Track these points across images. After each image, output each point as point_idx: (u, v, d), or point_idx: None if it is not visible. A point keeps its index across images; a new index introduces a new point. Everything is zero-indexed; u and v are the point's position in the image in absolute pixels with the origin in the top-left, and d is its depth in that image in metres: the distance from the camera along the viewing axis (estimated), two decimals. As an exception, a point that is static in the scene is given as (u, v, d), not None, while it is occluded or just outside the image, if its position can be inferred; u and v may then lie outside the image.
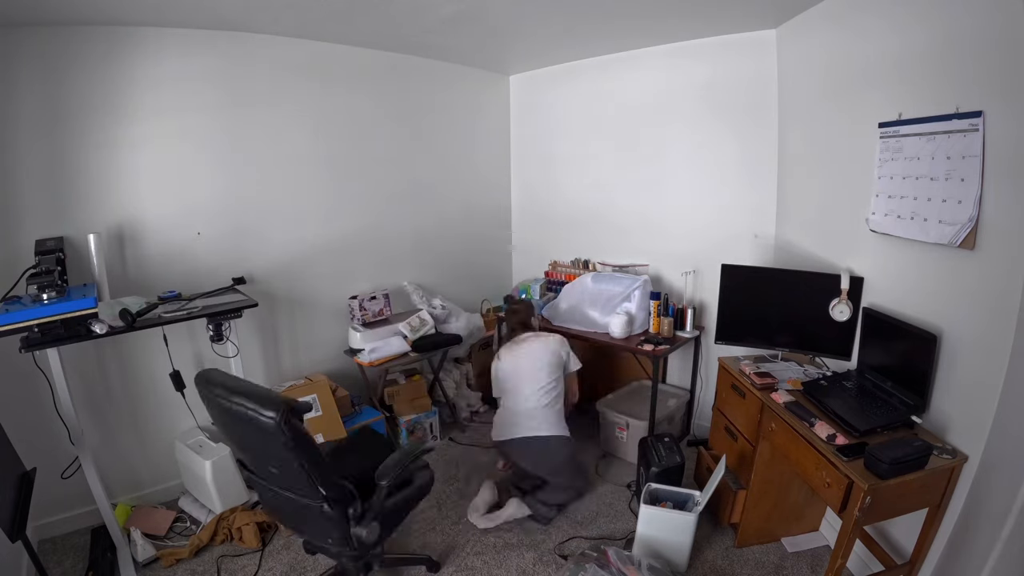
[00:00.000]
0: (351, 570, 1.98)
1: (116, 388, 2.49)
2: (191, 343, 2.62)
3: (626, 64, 3.19)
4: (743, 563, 2.18)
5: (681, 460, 2.35)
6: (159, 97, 2.40)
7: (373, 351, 2.92)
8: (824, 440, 1.73)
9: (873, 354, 2.04)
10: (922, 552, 1.74)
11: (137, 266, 2.44)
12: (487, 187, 3.92)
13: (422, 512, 2.54)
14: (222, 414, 1.61)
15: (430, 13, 2.44)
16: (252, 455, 1.76)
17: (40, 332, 1.86)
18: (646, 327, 3.00)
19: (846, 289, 2.11)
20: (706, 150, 2.98)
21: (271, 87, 2.71)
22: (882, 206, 1.94)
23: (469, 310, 3.43)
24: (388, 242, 3.34)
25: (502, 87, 3.85)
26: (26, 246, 2.08)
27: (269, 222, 2.81)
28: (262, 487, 1.78)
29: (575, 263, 3.57)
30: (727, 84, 2.83)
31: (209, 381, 1.63)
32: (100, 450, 2.38)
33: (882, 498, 1.56)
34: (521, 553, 2.26)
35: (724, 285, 2.54)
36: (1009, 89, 1.46)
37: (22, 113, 2.13)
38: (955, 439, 1.69)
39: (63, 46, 2.17)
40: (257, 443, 1.63)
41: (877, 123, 1.94)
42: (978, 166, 1.55)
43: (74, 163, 2.26)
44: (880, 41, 1.94)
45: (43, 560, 1.91)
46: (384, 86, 3.15)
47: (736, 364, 2.38)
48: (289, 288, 2.94)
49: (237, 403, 1.52)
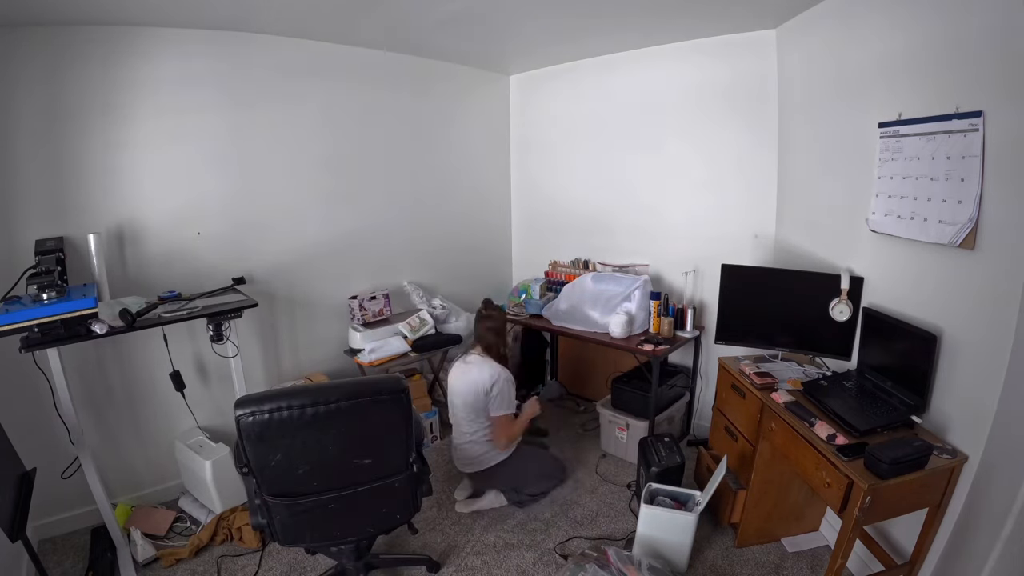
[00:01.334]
0: (351, 570, 1.98)
1: (116, 388, 2.49)
2: (191, 343, 2.62)
3: (626, 64, 3.19)
4: (743, 563, 2.18)
5: (681, 460, 2.35)
6: (159, 97, 2.40)
7: (373, 351, 2.92)
8: (824, 440, 1.73)
9: (873, 354, 2.04)
10: (922, 552, 1.74)
11: (137, 266, 2.44)
12: (487, 187, 3.92)
13: (422, 512, 2.54)
14: (302, 429, 1.54)
15: (430, 13, 2.44)
16: (327, 464, 1.63)
17: (40, 332, 1.86)
18: (646, 327, 3.00)
19: (846, 289, 2.11)
20: (706, 150, 2.98)
21: (271, 87, 2.71)
22: (882, 206, 1.94)
23: (469, 310, 3.42)
24: (388, 242, 3.34)
25: (502, 87, 3.85)
26: (26, 246, 2.08)
27: (269, 222, 2.81)
28: (320, 509, 1.68)
29: (575, 263, 3.57)
30: (727, 84, 2.83)
31: (272, 398, 1.52)
32: (100, 450, 2.38)
33: (882, 498, 1.56)
34: (521, 553, 2.26)
35: (724, 285, 2.54)
36: (1009, 89, 1.46)
37: (22, 113, 2.13)
38: (955, 439, 1.69)
39: (63, 46, 2.17)
40: (349, 443, 1.63)
41: (877, 123, 1.94)
42: (978, 166, 1.55)
43: (74, 163, 2.26)
44: (880, 41, 1.94)
45: (43, 560, 1.91)
46: (384, 86, 3.15)
47: (736, 364, 2.38)
48: (289, 288, 2.94)
49: (344, 402, 1.56)
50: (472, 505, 2.54)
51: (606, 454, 3.04)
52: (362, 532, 1.89)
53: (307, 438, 1.58)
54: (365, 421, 1.63)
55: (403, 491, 1.81)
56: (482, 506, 2.54)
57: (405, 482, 1.79)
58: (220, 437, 2.59)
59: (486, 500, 2.55)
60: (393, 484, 1.76)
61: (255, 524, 1.76)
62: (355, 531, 1.85)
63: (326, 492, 1.67)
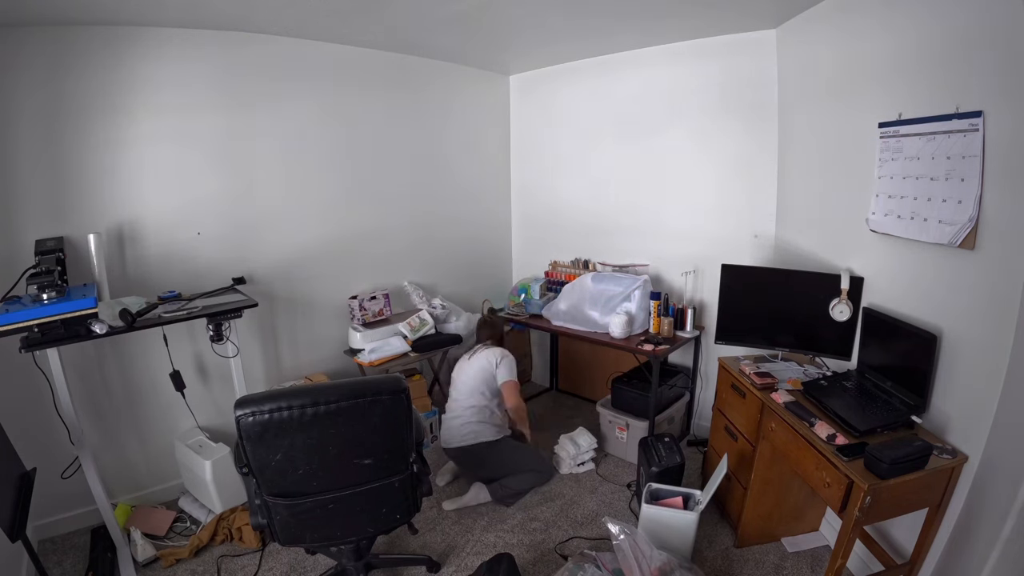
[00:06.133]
0: (351, 570, 1.98)
1: (116, 388, 2.49)
2: (191, 343, 2.62)
3: (626, 64, 3.19)
4: (743, 563, 2.18)
5: (681, 460, 2.35)
6: (159, 97, 2.40)
7: (373, 351, 2.92)
8: (824, 440, 1.73)
9: (873, 354, 2.04)
10: (922, 552, 1.74)
11: (137, 266, 2.44)
12: (487, 187, 3.91)
13: (423, 512, 2.55)
14: (302, 429, 1.53)
15: (430, 13, 2.44)
16: (327, 465, 1.63)
17: (40, 332, 1.86)
18: (646, 327, 3.00)
19: (846, 289, 2.11)
20: (706, 150, 2.98)
21: (271, 87, 2.71)
22: (882, 206, 1.94)
23: (469, 310, 3.43)
24: (388, 242, 3.34)
25: (502, 87, 3.85)
26: (26, 246, 2.09)
27: (269, 222, 2.81)
28: (320, 509, 1.69)
29: (575, 263, 3.57)
30: (727, 84, 2.83)
31: (272, 399, 1.52)
32: (100, 450, 2.38)
33: (882, 498, 1.56)
34: (521, 554, 2.26)
35: (724, 285, 2.53)
36: (1009, 89, 1.46)
37: (23, 113, 2.14)
38: (955, 439, 1.69)
39: (63, 46, 2.17)
40: (350, 443, 1.63)
41: (877, 123, 1.94)
42: (978, 166, 1.55)
43: (74, 163, 2.26)
44: (880, 41, 1.94)
45: (43, 560, 1.91)
46: (384, 86, 3.15)
47: (736, 364, 2.38)
48: (289, 288, 2.94)
49: (344, 402, 1.56)
50: (457, 503, 2.57)
51: (606, 454, 3.05)
52: (362, 532, 1.88)
53: (307, 438, 1.57)
54: (365, 421, 1.63)
55: (403, 491, 1.81)
56: (467, 502, 2.57)
57: (405, 482, 1.79)
58: (220, 437, 2.59)
59: (470, 496, 2.58)
60: (393, 484, 1.76)
61: (255, 524, 1.75)
62: (355, 531, 1.84)
63: (326, 492, 1.67)
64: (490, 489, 2.57)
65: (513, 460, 2.61)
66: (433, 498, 2.64)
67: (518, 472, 2.60)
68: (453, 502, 2.58)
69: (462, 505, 2.57)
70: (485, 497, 2.58)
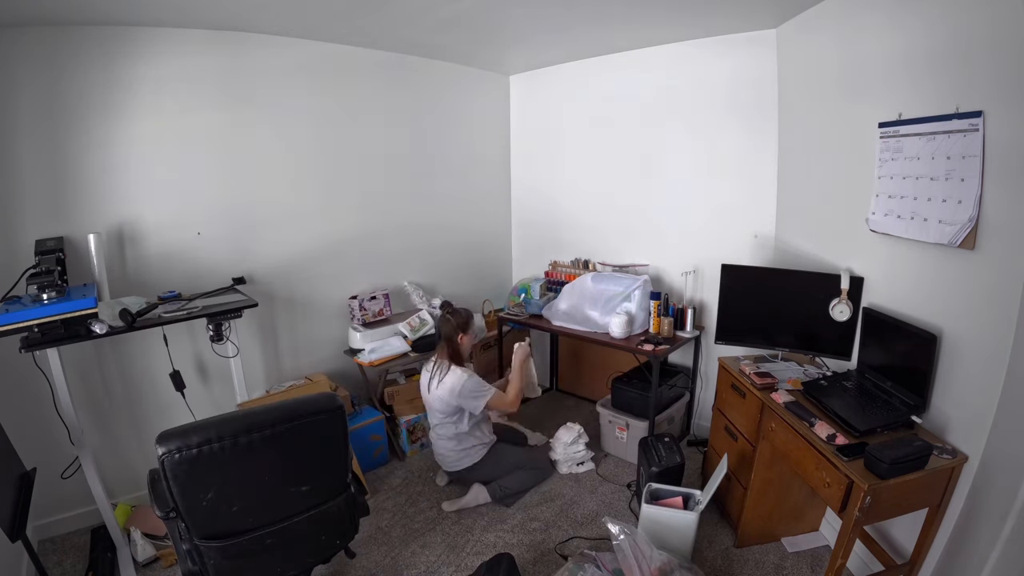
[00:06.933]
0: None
1: (116, 388, 2.49)
2: (191, 343, 2.62)
3: (626, 64, 3.19)
4: (743, 563, 2.18)
5: (681, 460, 2.35)
6: (159, 97, 2.40)
7: (373, 351, 2.93)
8: (824, 440, 1.73)
9: (873, 354, 2.04)
10: (922, 552, 1.74)
11: (137, 266, 2.44)
12: (487, 186, 3.91)
13: (423, 512, 2.55)
14: (236, 461, 1.44)
15: (430, 13, 2.44)
16: (264, 497, 1.56)
17: (40, 332, 1.86)
18: (646, 327, 3.00)
19: (846, 289, 2.11)
20: (706, 150, 2.98)
21: (271, 87, 2.71)
22: (882, 206, 1.94)
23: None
24: (388, 242, 3.34)
25: (502, 87, 3.85)
26: (26, 246, 2.09)
27: (269, 222, 2.81)
28: (257, 547, 1.58)
29: (575, 263, 3.57)
30: (727, 84, 2.83)
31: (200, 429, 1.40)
32: (100, 450, 2.38)
33: (882, 498, 1.56)
34: (521, 553, 2.26)
35: (724, 285, 2.54)
36: (1009, 89, 1.46)
37: (22, 113, 2.13)
38: (955, 439, 1.69)
39: (63, 46, 2.17)
40: (287, 470, 1.56)
41: (877, 123, 1.94)
42: (978, 166, 1.55)
43: (74, 163, 2.26)
44: (880, 41, 1.94)
45: (43, 560, 1.91)
46: (384, 86, 3.15)
47: (736, 364, 2.38)
48: (289, 288, 2.94)
49: (280, 426, 1.48)
50: (457, 505, 2.57)
51: (606, 454, 3.05)
52: (302, 565, 1.77)
53: (242, 470, 1.44)
54: (303, 444, 1.54)
55: (340, 515, 1.74)
56: (466, 503, 2.57)
57: (342, 505, 1.73)
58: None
59: (469, 496, 2.58)
60: (331, 509, 1.69)
61: (185, 572, 1.55)
62: (295, 565, 1.73)
63: (262, 528, 1.55)
64: (489, 490, 2.57)
65: (506, 462, 2.61)
66: (433, 499, 2.64)
67: (514, 471, 2.61)
68: (453, 503, 2.58)
69: (462, 506, 2.57)
70: (485, 498, 2.58)
